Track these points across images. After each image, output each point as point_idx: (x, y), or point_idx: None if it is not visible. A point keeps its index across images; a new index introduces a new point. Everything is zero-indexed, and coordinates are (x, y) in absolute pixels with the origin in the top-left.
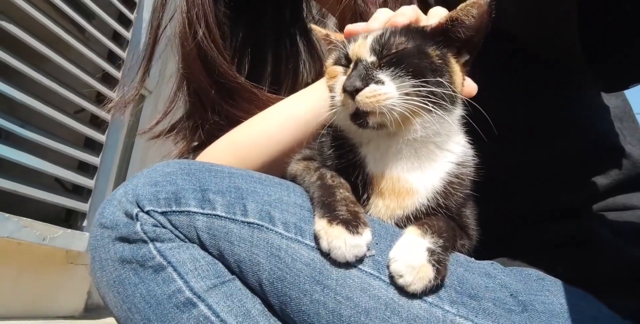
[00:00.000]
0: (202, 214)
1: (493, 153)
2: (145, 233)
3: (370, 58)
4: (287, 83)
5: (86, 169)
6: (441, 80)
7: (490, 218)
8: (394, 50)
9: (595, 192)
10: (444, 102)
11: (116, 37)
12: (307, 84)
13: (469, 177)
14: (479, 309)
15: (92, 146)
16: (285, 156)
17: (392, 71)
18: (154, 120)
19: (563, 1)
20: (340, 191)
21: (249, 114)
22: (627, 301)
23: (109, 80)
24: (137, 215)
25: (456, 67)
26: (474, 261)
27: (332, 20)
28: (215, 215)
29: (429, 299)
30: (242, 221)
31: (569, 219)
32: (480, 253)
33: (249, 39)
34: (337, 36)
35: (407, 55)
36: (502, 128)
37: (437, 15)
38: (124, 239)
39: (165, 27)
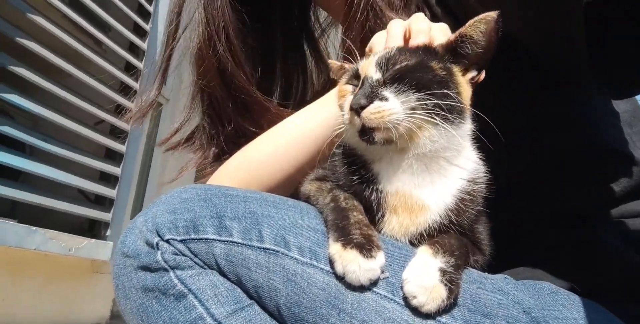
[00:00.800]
0: (219, 241)
1: (500, 162)
2: (165, 262)
3: (376, 75)
4: (296, 94)
5: (108, 179)
6: (447, 91)
7: (499, 227)
8: (397, 67)
9: (606, 200)
10: (450, 115)
11: (132, 48)
12: (316, 93)
13: (481, 194)
14: None
15: (113, 157)
16: (299, 172)
17: (396, 87)
18: (172, 128)
19: (571, 11)
20: (353, 213)
21: (261, 127)
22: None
23: (126, 91)
24: (157, 244)
25: (462, 80)
26: (487, 277)
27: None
28: (232, 242)
29: (443, 319)
30: (259, 247)
31: (579, 227)
32: (490, 263)
33: (258, 51)
34: (350, 66)
35: (410, 70)
36: (508, 137)
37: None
38: (145, 268)
39: (181, 35)
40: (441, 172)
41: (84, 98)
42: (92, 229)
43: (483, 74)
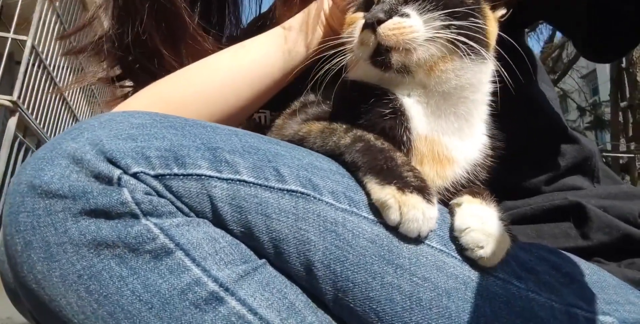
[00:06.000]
0: (220, 179)
1: None
2: (137, 204)
3: None
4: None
5: None
6: (475, 20)
7: None
8: None
9: (555, 173)
10: (477, 46)
11: None
12: (247, 32)
13: (497, 150)
14: (539, 282)
15: None
16: (229, 118)
17: (419, 5)
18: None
19: None
20: (397, 154)
21: (178, 55)
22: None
23: None
24: (119, 179)
25: (491, 15)
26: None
27: None
28: (240, 180)
29: (501, 275)
30: (280, 189)
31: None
32: None
33: None
34: None
35: None
36: None
37: None
38: (98, 213)
39: None
40: (469, 119)
41: None
42: None
43: None
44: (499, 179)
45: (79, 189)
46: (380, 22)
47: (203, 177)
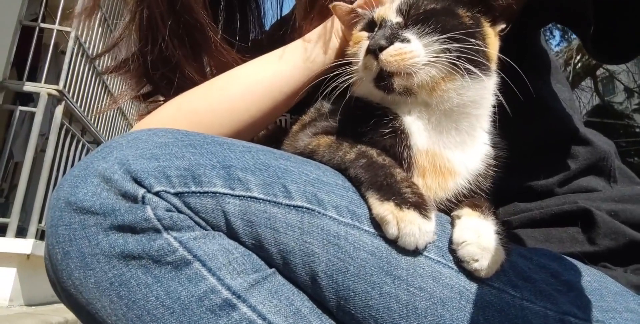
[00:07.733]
0: (232, 195)
1: None
2: (159, 220)
3: (396, 19)
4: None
5: None
6: (473, 40)
7: None
8: (421, 10)
9: (567, 175)
10: (475, 66)
11: None
12: (270, 37)
13: (500, 158)
14: (536, 291)
15: None
16: (251, 128)
17: (419, 29)
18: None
19: None
20: (397, 170)
21: (202, 69)
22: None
23: None
24: (144, 197)
25: (490, 31)
26: None
27: None
28: (251, 197)
29: (496, 284)
30: (287, 205)
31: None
32: None
33: None
34: (364, 11)
35: (435, 14)
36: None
37: None
38: (125, 229)
39: None
40: (471, 132)
41: None
42: None
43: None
44: (511, 181)
45: (109, 206)
46: (382, 49)
47: (218, 194)
